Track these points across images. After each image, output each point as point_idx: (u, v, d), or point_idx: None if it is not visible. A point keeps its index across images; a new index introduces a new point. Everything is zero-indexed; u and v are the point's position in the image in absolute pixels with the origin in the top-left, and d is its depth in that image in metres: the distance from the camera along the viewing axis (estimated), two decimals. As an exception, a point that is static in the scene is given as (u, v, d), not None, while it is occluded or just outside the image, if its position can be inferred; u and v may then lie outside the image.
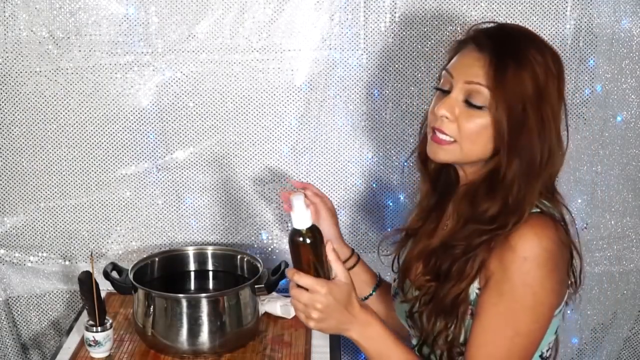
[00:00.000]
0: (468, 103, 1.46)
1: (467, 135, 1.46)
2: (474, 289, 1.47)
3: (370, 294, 1.81)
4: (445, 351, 1.51)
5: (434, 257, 1.53)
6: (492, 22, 1.54)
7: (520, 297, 1.41)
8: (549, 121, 1.44)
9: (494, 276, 1.43)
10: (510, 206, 1.44)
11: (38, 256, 2.19)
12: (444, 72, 1.52)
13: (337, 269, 1.42)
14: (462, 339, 1.49)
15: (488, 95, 1.43)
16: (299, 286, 1.40)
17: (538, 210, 1.46)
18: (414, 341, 1.62)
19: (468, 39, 1.51)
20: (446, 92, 1.49)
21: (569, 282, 1.51)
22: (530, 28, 1.52)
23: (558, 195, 1.53)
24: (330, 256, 1.41)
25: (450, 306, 1.47)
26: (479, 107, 1.44)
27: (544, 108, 1.43)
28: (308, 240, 1.38)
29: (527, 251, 1.40)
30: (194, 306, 1.80)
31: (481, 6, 2.00)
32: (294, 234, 1.39)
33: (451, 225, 1.55)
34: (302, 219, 1.37)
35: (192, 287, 2.04)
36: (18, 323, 2.25)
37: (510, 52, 1.44)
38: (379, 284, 1.83)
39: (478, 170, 1.51)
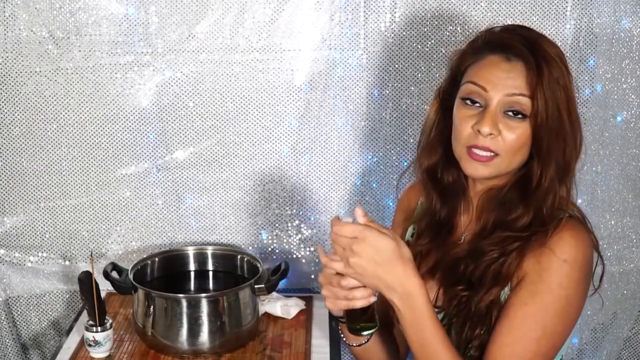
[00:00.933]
0: (508, 116, 1.43)
1: (510, 148, 1.43)
2: (505, 292, 1.45)
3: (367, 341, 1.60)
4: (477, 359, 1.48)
5: (462, 264, 1.50)
6: (499, 26, 1.51)
7: (554, 299, 1.40)
8: (577, 119, 1.44)
9: (527, 276, 1.42)
10: (547, 213, 1.43)
11: (38, 256, 2.18)
12: (469, 84, 1.46)
13: (382, 230, 1.35)
14: None
15: (529, 105, 1.41)
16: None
17: (567, 214, 1.46)
18: None
19: (490, 47, 1.46)
20: (476, 105, 1.45)
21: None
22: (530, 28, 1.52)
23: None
24: (360, 220, 1.36)
25: (485, 312, 1.45)
26: (521, 118, 1.42)
27: (572, 107, 1.43)
28: None
29: (566, 254, 1.40)
30: (194, 306, 1.80)
31: (481, 6, 1.99)
32: None
33: (476, 232, 1.52)
34: None
35: (192, 287, 2.03)
36: (18, 323, 2.24)
37: (540, 55, 1.41)
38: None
39: (506, 178, 1.50)
